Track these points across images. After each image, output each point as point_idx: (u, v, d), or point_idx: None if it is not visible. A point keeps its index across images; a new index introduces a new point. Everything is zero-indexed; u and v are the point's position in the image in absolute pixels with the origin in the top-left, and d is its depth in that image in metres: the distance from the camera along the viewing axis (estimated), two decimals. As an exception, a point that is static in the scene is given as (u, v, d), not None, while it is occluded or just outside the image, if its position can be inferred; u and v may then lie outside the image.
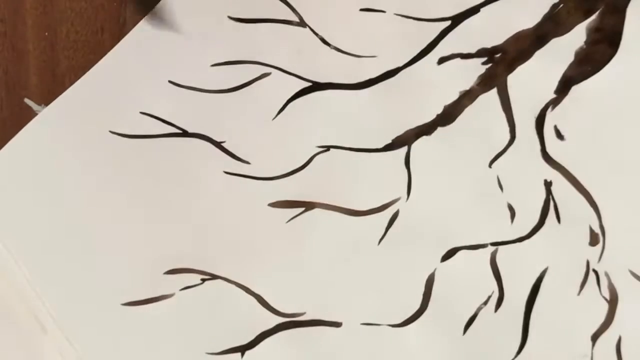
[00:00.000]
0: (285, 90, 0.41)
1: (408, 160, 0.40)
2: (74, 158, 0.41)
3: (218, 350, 0.40)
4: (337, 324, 0.40)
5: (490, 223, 0.40)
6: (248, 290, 0.40)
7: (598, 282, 0.39)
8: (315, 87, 0.41)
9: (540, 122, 0.40)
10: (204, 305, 0.40)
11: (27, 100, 0.42)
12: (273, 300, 0.40)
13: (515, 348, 0.39)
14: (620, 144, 0.40)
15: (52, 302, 0.40)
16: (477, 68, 0.40)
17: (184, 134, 0.41)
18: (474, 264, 0.40)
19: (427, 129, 0.40)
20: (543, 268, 0.39)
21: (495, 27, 0.40)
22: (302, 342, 0.40)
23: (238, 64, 0.41)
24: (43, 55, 0.42)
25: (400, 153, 0.40)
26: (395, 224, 0.40)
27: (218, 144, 0.41)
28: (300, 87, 0.41)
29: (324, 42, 0.41)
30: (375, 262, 0.40)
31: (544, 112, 0.40)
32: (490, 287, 0.40)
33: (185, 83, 0.41)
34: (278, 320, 0.40)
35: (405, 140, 0.40)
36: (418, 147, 0.40)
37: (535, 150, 0.40)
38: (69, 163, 0.41)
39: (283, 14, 0.41)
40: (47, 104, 0.41)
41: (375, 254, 0.40)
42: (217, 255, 0.40)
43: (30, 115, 0.41)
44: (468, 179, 0.40)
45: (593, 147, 0.40)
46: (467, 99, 0.40)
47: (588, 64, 0.40)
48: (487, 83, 0.40)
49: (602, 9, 0.40)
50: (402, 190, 0.40)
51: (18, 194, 0.41)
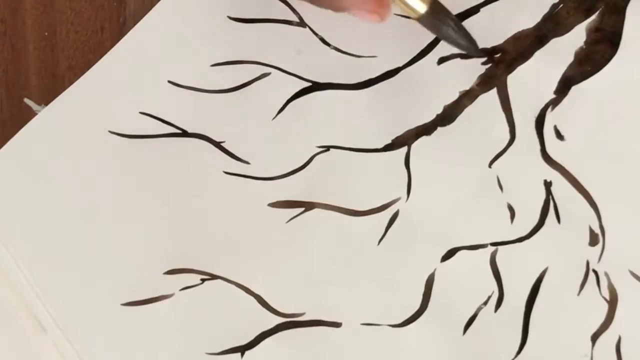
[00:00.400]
0: (285, 90, 0.41)
1: (408, 161, 0.40)
2: (74, 158, 0.41)
3: (218, 351, 0.40)
4: (337, 324, 0.40)
5: (490, 223, 0.40)
6: (248, 291, 0.40)
7: (598, 282, 0.39)
8: (315, 87, 0.41)
9: (540, 122, 0.40)
10: (204, 306, 0.40)
11: (26, 100, 0.42)
12: (273, 300, 0.40)
13: (515, 348, 0.39)
14: (620, 144, 0.40)
15: (52, 302, 0.40)
16: (476, 68, 0.40)
17: (184, 134, 0.41)
18: (474, 264, 0.40)
19: (427, 129, 0.40)
20: (543, 268, 0.39)
21: (495, 27, 0.40)
22: (302, 342, 0.40)
23: (238, 64, 0.41)
24: (43, 55, 0.42)
25: (400, 153, 0.40)
26: (395, 224, 0.40)
27: (218, 144, 0.41)
28: (300, 87, 0.41)
29: (324, 42, 0.41)
30: (375, 262, 0.40)
31: (544, 112, 0.40)
32: (490, 287, 0.40)
33: (185, 83, 0.41)
34: (278, 321, 0.40)
35: (405, 141, 0.40)
36: (418, 147, 0.40)
37: (535, 150, 0.40)
38: (69, 163, 0.41)
39: (283, 14, 0.41)
40: (46, 104, 0.41)
41: (375, 254, 0.40)
42: (216, 256, 0.40)
43: (30, 115, 0.41)
44: (468, 179, 0.40)
45: (593, 147, 0.40)
46: (467, 99, 0.40)
47: (588, 64, 0.40)
48: (487, 83, 0.40)
49: (602, 9, 0.40)
50: (402, 190, 0.40)
51: (18, 194, 0.40)
